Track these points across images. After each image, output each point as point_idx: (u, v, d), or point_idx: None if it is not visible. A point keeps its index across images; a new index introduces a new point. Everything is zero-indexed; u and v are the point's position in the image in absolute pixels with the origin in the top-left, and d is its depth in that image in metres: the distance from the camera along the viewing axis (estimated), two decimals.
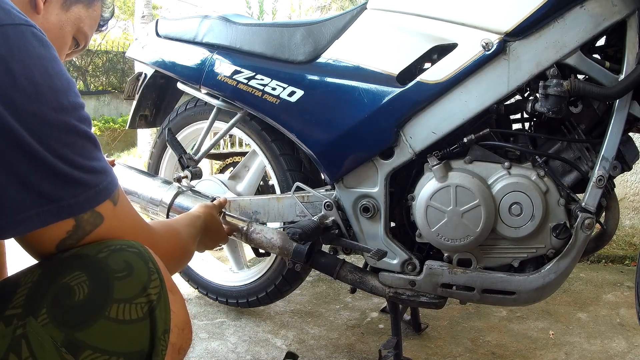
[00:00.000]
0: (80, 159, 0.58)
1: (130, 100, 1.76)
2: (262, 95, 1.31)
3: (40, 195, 0.55)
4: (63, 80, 0.58)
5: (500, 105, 1.12)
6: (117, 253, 0.62)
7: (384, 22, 1.16)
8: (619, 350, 1.45)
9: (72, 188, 0.58)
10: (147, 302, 0.60)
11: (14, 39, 0.54)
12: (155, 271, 0.64)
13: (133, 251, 0.63)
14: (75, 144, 0.58)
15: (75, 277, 0.58)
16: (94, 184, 0.60)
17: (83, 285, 0.57)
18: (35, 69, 0.55)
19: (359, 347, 1.50)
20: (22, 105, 0.53)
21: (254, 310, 1.76)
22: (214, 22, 1.47)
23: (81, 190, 0.59)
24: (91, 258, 0.60)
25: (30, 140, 0.53)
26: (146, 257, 0.64)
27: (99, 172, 0.61)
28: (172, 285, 0.67)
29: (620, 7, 0.96)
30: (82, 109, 0.61)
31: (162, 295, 0.62)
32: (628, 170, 1.08)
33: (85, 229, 0.61)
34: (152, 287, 0.62)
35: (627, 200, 2.44)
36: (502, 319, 1.66)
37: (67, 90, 0.58)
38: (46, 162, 0.55)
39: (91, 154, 0.60)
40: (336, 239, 1.25)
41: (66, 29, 0.77)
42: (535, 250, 1.10)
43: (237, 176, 1.64)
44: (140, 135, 5.59)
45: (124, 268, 0.60)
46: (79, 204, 0.59)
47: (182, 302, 0.68)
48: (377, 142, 1.15)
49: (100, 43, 10.12)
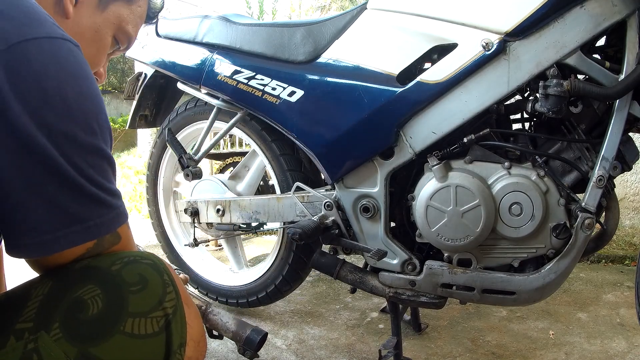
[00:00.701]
0: (104, 181, 0.59)
1: (130, 100, 1.76)
2: (262, 95, 1.31)
3: (67, 215, 0.55)
4: (95, 102, 0.57)
5: (500, 105, 1.12)
6: (130, 265, 0.61)
7: (384, 22, 1.16)
8: (619, 350, 1.45)
9: (98, 208, 0.58)
10: (163, 315, 0.59)
11: (49, 54, 0.53)
12: (171, 283, 0.62)
13: (147, 263, 0.62)
14: (100, 167, 0.58)
15: (88, 290, 0.57)
16: (116, 206, 0.60)
17: (97, 299, 0.56)
18: (68, 88, 0.54)
19: (359, 347, 1.50)
20: (53, 124, 0.52)
21: (254, 310, 1.76)
22: (214, 22, 1.47)
23: (106, 212, 0.59)
24: (104, 270, 0.59)
25: (61, 160, 0.53)
26: (161, 269, 0.63)
27: (118, 196, 0.61)
28: (187, 298, 0.66)
29: (620, 7, 0.96)
30: (109, 133, 0.61)
31: (178, 308, 0.61)
32: (628, 170, 1.08)
33: (105, 246, 0.61)
34: (168, 300, 0.61)
35: (627, 200, 2.44)
36: (502, 319, 1.66)
37: (99, 113, 0.58)
38: (75, 183, 0.55)
39: (111, 177, 0.61)
40: (336, 239, 1.25)
41: (103, 31, 0.73)
42: (535, 250, 1.10)
43: (237, 176, 1.64)
44: (140, 135, 5.58)
45: (138, 281, 0.60)
46: (105, 224, 0.59)
47: (197, 314, 0.67)
48: (377, 142, 1.15)
49: None
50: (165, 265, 0.65)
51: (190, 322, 0.63)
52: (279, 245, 1.54)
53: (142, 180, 4.17)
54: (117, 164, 2.32)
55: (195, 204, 1.60)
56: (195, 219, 1.61)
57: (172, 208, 1.86)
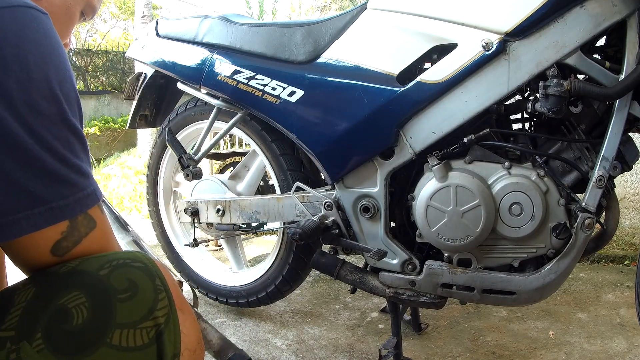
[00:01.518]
0: (71, 156, 0.53)
1: (130, 100, 1.76)
2: (262, 95, 1.31)
3: (28, 196, 0.50)
4: (60, 69, 0.54)
5: (501, 105, 1.12)
6: (119, 269, 0.56)
7: (384, 22, 1.16)
8: (619, 350, 1.45)
9: (63, 187, 0.53)
10: (154, 325, 0.55)
11: (10, 22, 0.50)
12: (163, 289, 0.58)
13: (138, 266, 0.58)
14: (66, 139, 0.53)
15: (73, 298, 0.53)
16: (84, 186, 0.55)
17: (82, 308, 0.52)
18: (30, 55, 0.50)
19: (359, 347, 1.50)
20: (13, 92, 0.49)
21: (253, 310, 1.76)
22: (214, 22, 1.47)
23: (71, 191, 0.53)
24: (91, 275, 0.55)
25: (20, 131, 0.49)
26: (153, 273, 0.58)
27: (87, 175, 0.56)
28: (182, 303, 0.61)
29: (620, 7, 0.96)
30: (77, 104, 0.56)
31: (171, 316, 0.57)
32: (628, 170, 1.08)
33: (81, 230, 0.57)
34: (160, 308, 0.56)
35: (627, 200, 2.44)
36: (502, 319, 1.66)
37: (63, 80, 0.54)
38: (37, 157, 0.50)
39: (80, 154, 0.55)
40: (336, 239, 1.25)
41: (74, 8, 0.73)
42: (535, 250, 1.10)
43: (237, 176, 1.64)
44: (140, 135, 5.58)
45: (127, 287, 0.55)
46: (70, 205, 0.53)
47: (193, 320, 0.62)
48: (377, 142, 1.15)
49: (100, 43, 10.12)
50: (158, 268, 0.60)
51: (185, 330, 0.59)
52: (279, 245, 1.54)
53: (142, 180, 4.17)
54: (116, 164, 2.34)
55: (195, 204, 1.60)
56: (195, 219, 1.61)
57: (172, 208, 1.86)
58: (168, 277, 0.60)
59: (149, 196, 1.85)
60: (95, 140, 7.29)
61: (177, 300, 0.60)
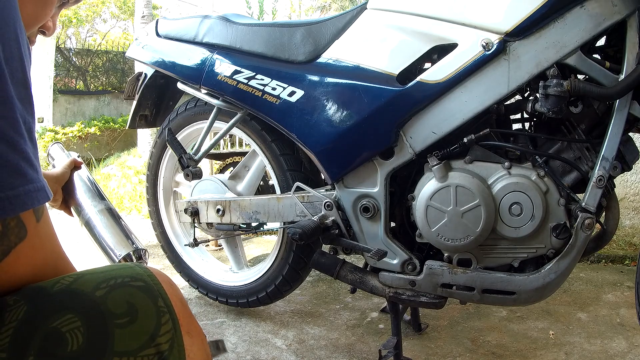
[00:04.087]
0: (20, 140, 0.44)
1: (130, 100, 1.76)
2: (262, 95, 1.31)
3: None
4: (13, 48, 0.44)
5: (501, 105, 1.12)
6: (118, 290, 0.52)
7: (384, 22, 1.16)
8: (619, 350, 1.45)
9: (8, 175, 0.43)
10: (155, 353, 0.50)
11: None
12: (167, 311, 0.53)
13: (138, 286, 0.53)
14: (12, 119, 0.43)
15: (67, 321, 0.48)
16: (32, 179, 0.45)
17: (77, 333, 0.48)
18: None
19: (359, 347, 1.50)
20: None
21: (253, 310, 1.76)
22: (214, 22, 1.47)
23: (20, 182, 0.43)
24: (86, 297, 0.51)
25: None
26: (154, 293, 0.54)
27: (35, 168, 0.46)
28: (190, 325, 0.56)
29: (620, 7, 0.96)
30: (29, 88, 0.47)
31: (176, 341, 0.52)
32: (628, 170, 1.08)
33: (10, 239, 0.47)
34: (163, 333, 0.52)
35: (627, 200, 2.44)
36: (502, 319, 1.66)
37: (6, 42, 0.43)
38: None
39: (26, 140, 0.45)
40: (336, 239, 1.25)
41: None
42: (535, 250, 1.10)
43: (237, 176, 1.64)
44: (140, 135, 5.59)
45: (126, 311, 0.51)
46: (18, 197, 0.43)
47: (201, 343, 0.57)
48: (377, 142, 1.15)
49: (100, 43, 10.12)
50: (162, 285, 0.55)
51: (191, 354, 0.54)
52: (279, 245, 1.54)
53: (142, 180, 4.17)
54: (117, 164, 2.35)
55: (195, 204, 1.60)
56: (196, 219, 1.61)
57: (172, 208, 1.86)
58: (173, 296, 0.56)
59: (149, 196, 1.85)
60: (95, 140, 7.28)
61: (184, 322, 0.55)
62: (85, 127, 7.15)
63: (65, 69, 9.22)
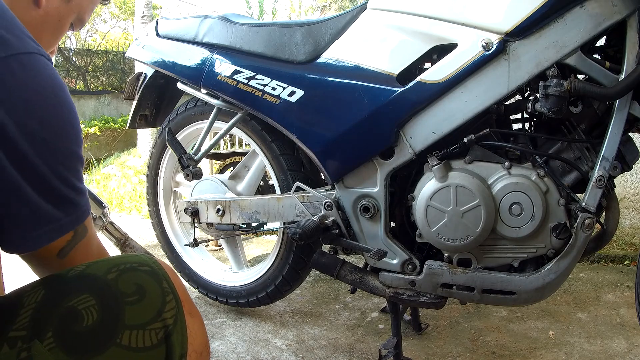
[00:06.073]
0: (75, 181, 0.61)
1: (130, 100, 1.76)
2: (262, 95, 1.31)
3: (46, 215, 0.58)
4: (70, 109, 0.61)
5: (501, 105, 1.12)
6: (127, 274, 0.60)
7: (384, 22, 1.16)
8: (619, 350, 1.45)
9: (68, 207, 0.61)
10: (162, 327, 0.58)
11: (29, 68, 0.56)
12: (171, 291, 0.61)
13: (145, 270, 0.61)
14: (74, 168, 0.61)
15: (82, 300, 0.56)
16: (83, 204, 0.63)
17: (92, 310, 0.56)
18: (47, 99, 0.57)
19: (359, 347, 1.50)
20: (36, 132, 0.55)
21: (253, 310, 1.76)
22: (214, 22, 1.47)
23: (74, 210, 0.61)
24: (99, 280, 0.59)
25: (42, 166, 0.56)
26: (160, 276, 0.62)
27: (84, 193, 0.64)
28: (190, 307, 0.64)
29: (620, 7, 0.96)
30: (80, 134, 0.64)
31: (179, 318, 0.60)
32: (628, 170, 1.08)
33: (80, 235, 0.64)
34: (167, 310, 0.59)
35: (627, 200, 2.44)
36: (502, 319, 1.66)
37: (74, 119, 0.61)
38: (52, 186, 0.58)
39: (80, 175, 0.63)
40: (336, 239, 1.25)
41: (65, 19, 0.79)
42: (535, 250, 1.10)
43: (237, 176, 1.64)
44: (140, 135, 5.59)
45: (135, 291, 0.58)
46: (73, 222, 0.62)
47: (200, 323, 0.65)
48: (377, 142, 1.15)
49: (100, 43, 10.12)
50: (165, 271, 0.63)
51: (192, 332, 0.61)
52: (279, 245, 1.54)
53: (142, 180, 4.17)
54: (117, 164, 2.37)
55: (195, 204, 1.60)
56: (195, 219, 1.61)
57: (172, 208, 1.86)
58: (175, 280, 0.63)
59: (149, 196, 1.85)
60: (95, 140, 7.29)
61: (186, 304, 0.63)
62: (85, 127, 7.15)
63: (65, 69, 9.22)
